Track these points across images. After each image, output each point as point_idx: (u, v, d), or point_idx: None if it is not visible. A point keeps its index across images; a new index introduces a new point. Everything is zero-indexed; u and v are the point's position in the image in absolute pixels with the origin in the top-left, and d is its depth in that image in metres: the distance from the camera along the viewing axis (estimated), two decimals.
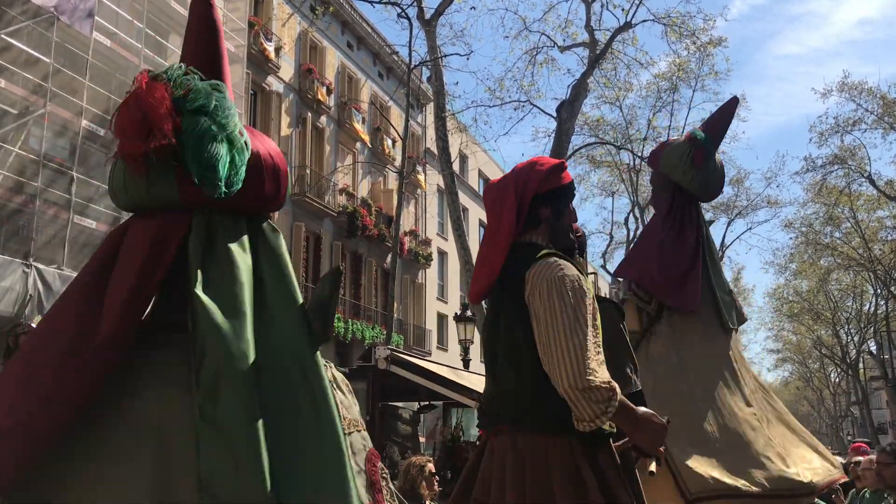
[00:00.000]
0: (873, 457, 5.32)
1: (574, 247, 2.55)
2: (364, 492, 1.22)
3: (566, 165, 2.53)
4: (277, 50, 21.33)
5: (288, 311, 1.35)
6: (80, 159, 13.54)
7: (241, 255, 1.33)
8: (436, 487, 4.96)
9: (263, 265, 1.36)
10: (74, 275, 9.60)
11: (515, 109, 18.15)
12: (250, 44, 19.50)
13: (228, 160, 1.30)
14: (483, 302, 2.55)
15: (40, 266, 12.27)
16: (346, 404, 1.32)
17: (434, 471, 5.01)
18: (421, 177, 26.79)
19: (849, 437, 41.37)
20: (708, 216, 29.53)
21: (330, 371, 1.38)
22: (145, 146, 1.32)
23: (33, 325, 5.59)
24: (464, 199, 26.87)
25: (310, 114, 22.91)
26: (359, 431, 1.30)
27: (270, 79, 21.36)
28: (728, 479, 3.13)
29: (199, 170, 1.29)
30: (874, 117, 26.19)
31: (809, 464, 3.39)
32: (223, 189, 1.30)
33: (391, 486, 1.28)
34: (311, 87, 22.79)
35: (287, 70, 22.23)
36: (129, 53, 14.83)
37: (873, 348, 37.98)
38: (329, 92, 23.80)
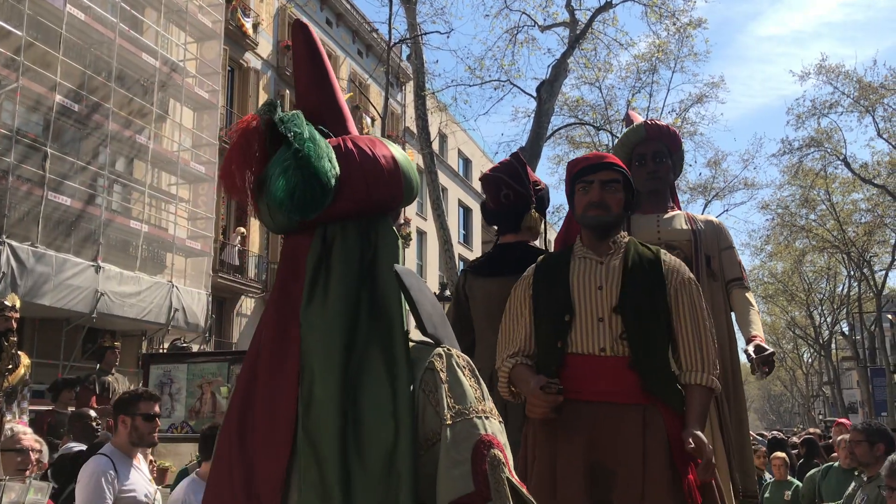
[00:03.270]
0: (846, 436, 5.41)
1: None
2: (455, 484, 1.18)
3: None
4: (255, 26, 21.08)
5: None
6: (54, 135, 13.34)
7: (348, 264, 1.35)
8: None
9: (381, 263, 1.37)
10: (48, 252, 9.44)
11: (495, 89, 18.06)
12: (228, 19, 19.25)
13: (291, 182, 1.30)
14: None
15: (14, 243, 12.11)
16: (457, 393, 1.26)
17: None
18: None
19: (820, 416, 42.09)
20: (685, 197, 29.69)
21: (448, 359, 1.32)
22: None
23: (6, 303, 5.52)
24: (443, 178, 26.81)
25: (288, 91, 22.69)
26: (468, 419, 1.23)
27: (248, 55, 21.12)
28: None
29: (269, 201, 1.34)
30: (850, 100, 26.43)
31: None
32: (295, 212, 1.32)
33: (503, 473, 1.21)
34: (289, 64, 22.55)
35: (265, 46, 21.99)
36: (103, 27, 14.59)
37: (846, 329, 38.58)
38: None
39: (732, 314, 3.50)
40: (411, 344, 1.36)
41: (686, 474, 2.40)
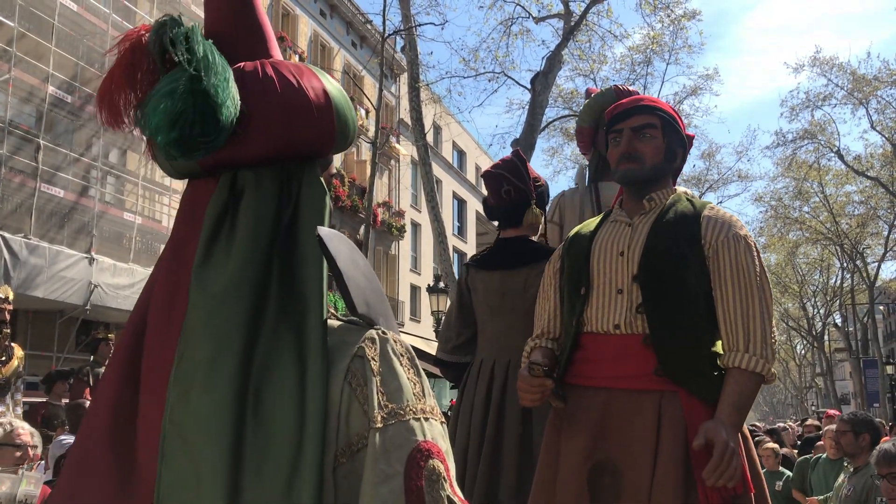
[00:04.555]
0: (837, 426, 5.46)
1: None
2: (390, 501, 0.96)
3: None
4: None
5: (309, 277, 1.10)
6: (47, 126, 13.30)
7: (259, 220, 1.09)
8: None
9: (302, 222, 1.12)
10: (41, 244, 9.46)
11: (490, 81, 18.08)
12: None
13: (175, 109, 1.04)
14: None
15: (7, 235, 12.08)
16: (391, 388, 1.03)
17: None
18: (397, 146, 26.64)
19: (812, 407, 42.30)
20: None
21: (383, 345, 1.07)
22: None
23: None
24: (437, 170, 26.79)
25: None
26: (403, 421, 1.01)
27: None
28: None
29: (144, 131, 1.07)
30: (844, 92, 26.48)
31: None
32: (172, 149, 1.06)
33: (444, 490, 1.00)
34: (283, 56, 22.45)
35: None
36: (96, 18, 14.53)
37: (838, 321, 38.75)
38: (301, 60, 23.51)
39: None
40: (337, 324, 1.11)
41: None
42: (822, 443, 6.67)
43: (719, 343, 2.15)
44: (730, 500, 1.96)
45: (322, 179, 1.17)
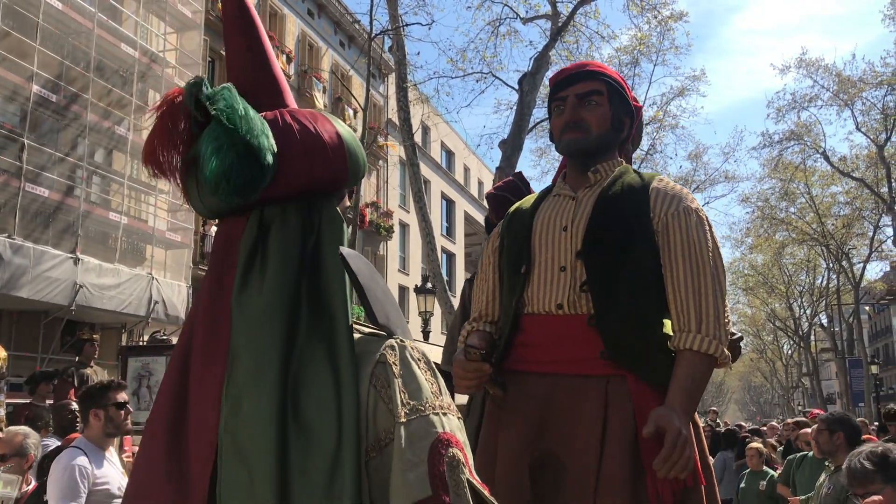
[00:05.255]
0: (817, 426, 5.49)
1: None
2: (411, 488, 1.07)
3: None
4: None
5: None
6: (32, 125, 13.20)
7: (286, 249, 1.21)
8: None
9: (324, 248, 1.24)
10: (26, 244, 9.39)
11: (477, 81, 18.07)
12: (208, 9, 19.10)
13: (226, 163, 1.18)
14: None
15: None
16: (411, 388, 1.14)
17: None
18: (391, 142, 26.57)
19: (799, 407, 42.52)
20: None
21: (402, 351, 1.20)
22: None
23: None
24: (426, 170, 26.78)
25: None
26: (424, 416, 1.12)
27: None
28: None
29: (203, 183, 1.21)
30: (830, 94, 26.66)
31: None
32: (231, 196, 1.20)
33: (463, 475, 1.11)
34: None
35: None
36: (81, 17, 14.44)
37: (824, 321, 38.98)
38: (289, 60, 23.44)
39: None
40: (361, 335, 1.23)
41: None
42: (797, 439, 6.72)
43: (668, 323, 2.01)
44: (680, 493, 1.84)
45: (339, 209, 1.30)
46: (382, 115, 28.51)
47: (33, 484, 4.08)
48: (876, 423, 14.46)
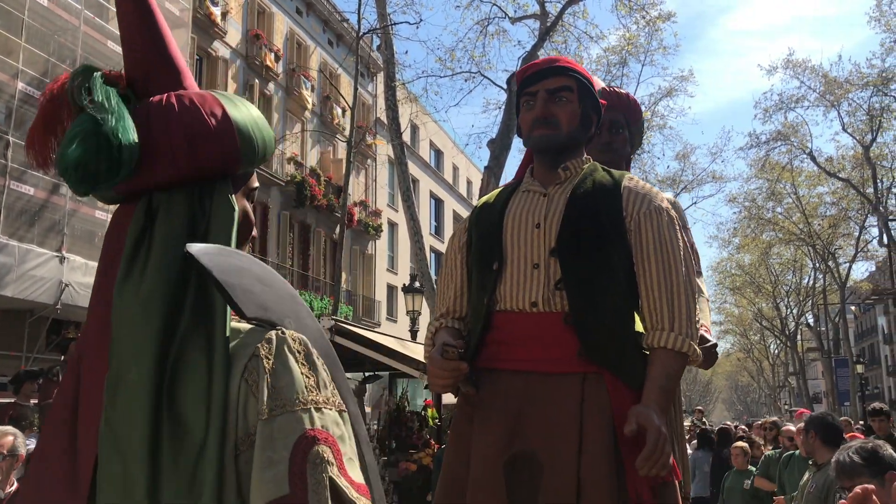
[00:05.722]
0: (801, 425, 5.55)
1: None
2: (267, 487, 1.06)
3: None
4: (224, 14, 20.85)
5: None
6: (17, 123, 13.11)
7: (171, 237, 1.20)
8: None
9: (213, 238, 1.22)
10: (11, 242, 9.31)
11: (466, 80, 18.08)
12: (195, 7, 19.03)
13: (77, 152, 1.16)
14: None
15: None
16: (282, 383, 1.12)
17: None
18: (373, 145, 26.55)
19: (786, 406, 42.78)
20: None
21: (279, 344, 1.17)
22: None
23: None
24: (414, 169, 26.78)
25: (257, 81, 22.50)
26: (291, 412, 1.10)
27: (217, 44, 20.89)
28: None
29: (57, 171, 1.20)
30: (816, 95, 26.82)
31: None
32: (83, 189, 1.18)
33: (326, 473, 1.08)
34: (258, 54, 22.36)
35: (234, 35, 21.77)
36: (67, 14, 14.36)
37: (811, 321, 39.22)
38: (277, 58, 23.39)
39: None
40: (246, 328, 1.20)
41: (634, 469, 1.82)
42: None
43: (639, 321, 2.04)
44: (657, 490, 1.86)
45: (231, 196, 1.26)
46: (371, 114, 28.48)
47: (15, 485, 4.06)
48: (861, 422, 14.57)
